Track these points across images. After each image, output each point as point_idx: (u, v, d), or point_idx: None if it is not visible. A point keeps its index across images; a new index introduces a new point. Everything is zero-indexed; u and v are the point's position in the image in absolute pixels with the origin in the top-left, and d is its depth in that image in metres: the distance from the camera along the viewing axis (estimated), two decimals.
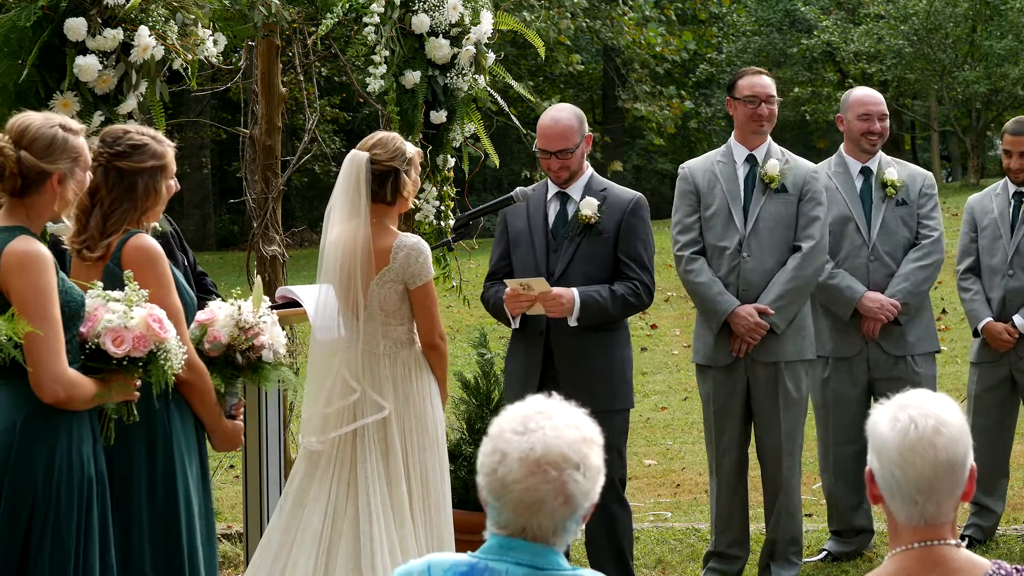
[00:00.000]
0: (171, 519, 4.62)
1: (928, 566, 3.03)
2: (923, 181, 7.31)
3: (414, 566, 3.04)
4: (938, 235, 7.23)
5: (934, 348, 7.29)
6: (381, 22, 6.67)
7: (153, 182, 4.71)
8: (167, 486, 4.63)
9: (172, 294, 4.61)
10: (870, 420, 3.08)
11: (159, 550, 4.60)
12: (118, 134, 4.73)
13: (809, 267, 6.73)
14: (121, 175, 4.65)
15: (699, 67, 29.03)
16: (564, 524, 2.92)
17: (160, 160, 4.73)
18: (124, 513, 4.56)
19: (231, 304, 4.87)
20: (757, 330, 6.64)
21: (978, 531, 7.50)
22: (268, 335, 4.89)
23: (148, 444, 4.61)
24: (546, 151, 6.23)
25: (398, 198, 5.66)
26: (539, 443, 2.89)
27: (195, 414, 4.75)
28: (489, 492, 2.92)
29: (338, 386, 5.64)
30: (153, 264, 4.59)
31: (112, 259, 4.61)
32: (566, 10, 22.19)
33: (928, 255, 7.17)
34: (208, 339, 4.81)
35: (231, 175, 25.58)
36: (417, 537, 5.57)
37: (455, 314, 15.02)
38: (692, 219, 6.92)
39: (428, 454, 5.65)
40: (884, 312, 7.09)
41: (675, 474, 9.48)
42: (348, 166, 5.61)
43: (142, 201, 4.69)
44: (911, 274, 7.13)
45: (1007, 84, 25.20)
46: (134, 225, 4.68)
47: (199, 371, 4.67)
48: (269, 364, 4.90)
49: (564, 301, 6.06)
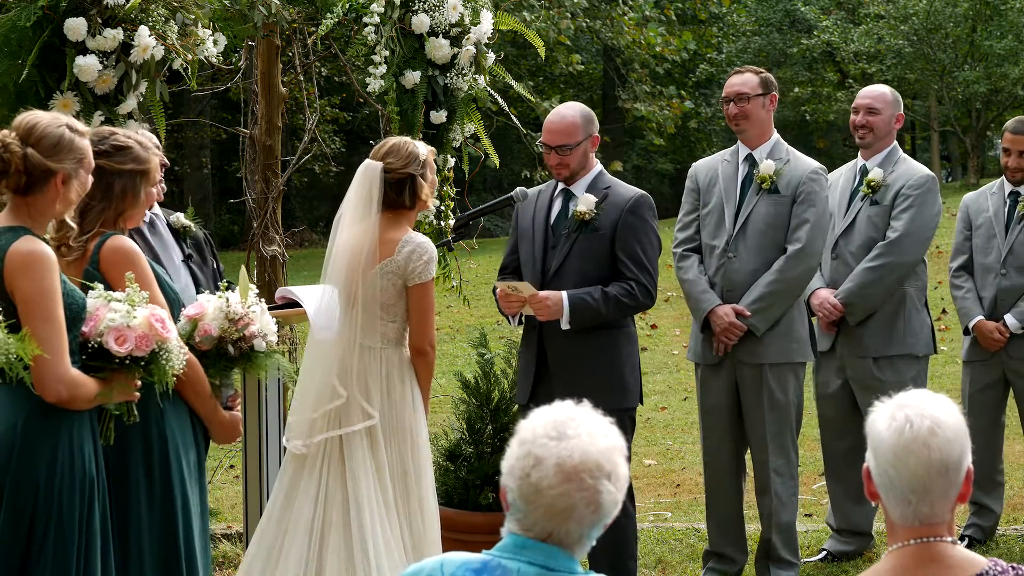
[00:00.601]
0: (169, 517, 4.63)
1: (924, 562, 3.05)
2: (905, 181, 7.08)
3: (426, 564, 3.05)
4: (898, 236, 6.98)
5: (904, 351, 7.05)
6: (381, 22, 6.67)
7: (132, 185, 4.71)
8: (164, 483, 4.63)
9: (155, 291, 4.61)
10: (869, 418, 3.09)
11: (157, 548, 4.60)
12: (104, 134, 4.75)
13: (794, 271, 6.66)
14: (100, 174, 4.65)
15: (699, 67, 29.04)
16: (589, 532, 2.94)
17: (142, 165, 4.73)
18: (121, 512, 4.56)
19: (219, 297, 4.88)
20: (732, 330, 6.63)
21: (978, 531, 7.50)
22: (258, 324, 4.89)
23: (144, 442, 4.62)
24: (547, 145, 6.24)
25: (417, 202, 5.68)
26: (577, 450, 2.89)
27: (191, 408, 4.76)
28: (519, 495, 2.92)
29: (326, 391, 5.63)
30: (132, 263, 4.59)
31: (91, 262, 4.61)
32: (566, 10, 22.19)
33: (880, 256, 6.98)
34: (199, 333, 4.82)
35: (231, 175, 25.57)
36: (401, 528, 5.57)
37: (455, 314, 15.01)
38: (691, 217, 6.93)
39: (407, 458, 5.63)
40: (823, 310, 7.06)
41: (675, 474, 9.48)
42: (361, 176, 5.61)
43: (118, 202, 4.69)
44: (858, 275, 7.00)
45: (1007, 84, 25.19)
46: (110, 226, 4.68)
47: (190, 363, 4.67)
48: (262, 353, 4.91)
49: (549, 304, 6.04)
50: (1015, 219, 7.43)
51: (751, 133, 6.82)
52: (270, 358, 4.94)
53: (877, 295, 7.01)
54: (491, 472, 6.65)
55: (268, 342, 4.92)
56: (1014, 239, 7.40)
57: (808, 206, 6.71)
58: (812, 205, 6.71)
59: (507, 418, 6.80)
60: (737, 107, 6.79)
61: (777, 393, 6.68)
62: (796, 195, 6.72)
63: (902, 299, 7.10)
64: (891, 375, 6.97)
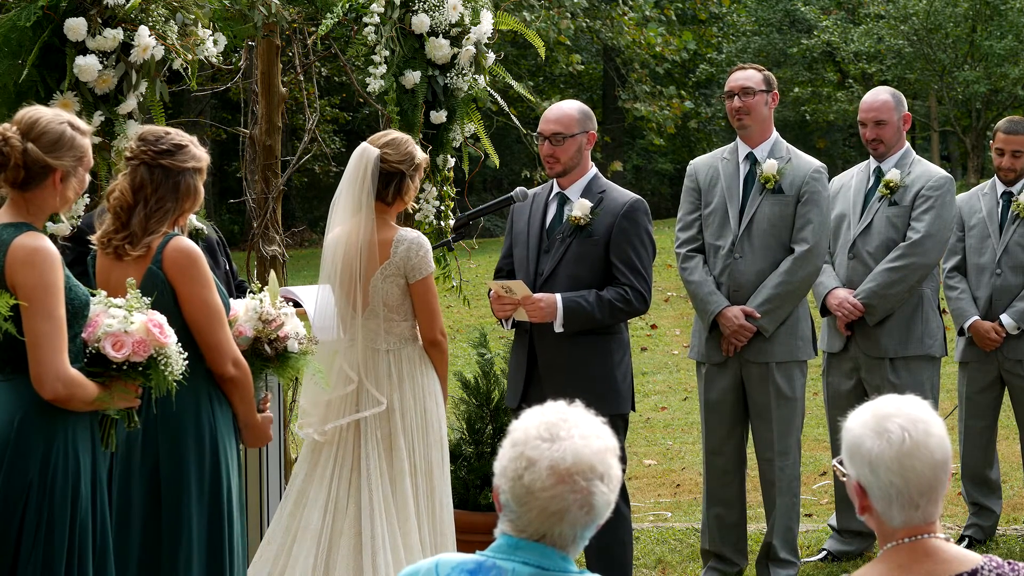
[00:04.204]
0: (217, 516, 4.70)
1: (919, 558, 3.09)
2: (925, 183, 7.07)
3: (421, 565, 3.05)
4: (920, 237, 6.97)
5: (921, 352, 7.07)
6: (381, 22, 6.67)
7: (194, 182, 4.77)
8: (214, 482, 4.70)
9: (215, 293, 4.68)
10: (850, 438, 3.10)
11: (204, 545, 4.67)
12: (160, 134, 4.79)
13: (800, 271, 6.68)
14: (167, 174, 4.70)
15: (699, 67, 29.01)
16: (583, 533, 2.95)
17: (200, 163, 4.80)
18: (173, 510, 4.62)
19: (251, 298, 4.91)
20: (742, 332, 6.64)
21: (978, 531, 7.51)
22: (290, 325, 4.93)
23: (197, 442, 4.68)
24: (542, 135, 6.23)
25: (397, 200, 5.69)
26: (569, 452, 2.90)
27: (233, 410, 4.80)
28: (512, 497, 2.93)
29: (339, 378, 5.66)
30: (195, 264, 4.65)
31: (154, 261, 4.65)
32: (566, 10, 22.19)
33: (901, 257, 6.98)
34: (234, 334, 4.84)
35: (231, 175, 25.56)
36: (421, 534, 5.58)
37: (455, 314, 15.01)
38: (693, 217, 6.92)
39: (432, 451, 5.67)
40: (842, 310, 7.06)
41: (675, 474, 9.48)
42: (357, 159, 5.64)
43: (183, 200, 4.74)
44: (878, 275, 6.99)
45: (1007, 84, 25.18)
46: (172, 226, 4.73)
47: (244, 368, 4.74)
48: (296, 353, 4.94)
49: (543, 306, 6.01)
50: (1009, 219, 7.44)
51: (753, 129, 6.82)
52: (303, 358, 4.97)
53: (899, 295, 7.00)
54: (491, 472, 6.63)
55: (301, 343, 4.95)
56: (1009, 238, 7.41)
57: (812, 206, 6.71)
58: (816, 205, 6.72)
59: (507, 418, 6.80)
60: (741, 101, 6.79)
61: (785, 391, 6.69)
62: (800, 195, 6.72)
63: (919, 300, 7.10)
64: (906, 376, 6.99)
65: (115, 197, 4.73)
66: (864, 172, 7.30)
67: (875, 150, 7.21)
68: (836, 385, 7.22)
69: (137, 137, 4.82)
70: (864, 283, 7.03)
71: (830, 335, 7.19)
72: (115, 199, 4.72)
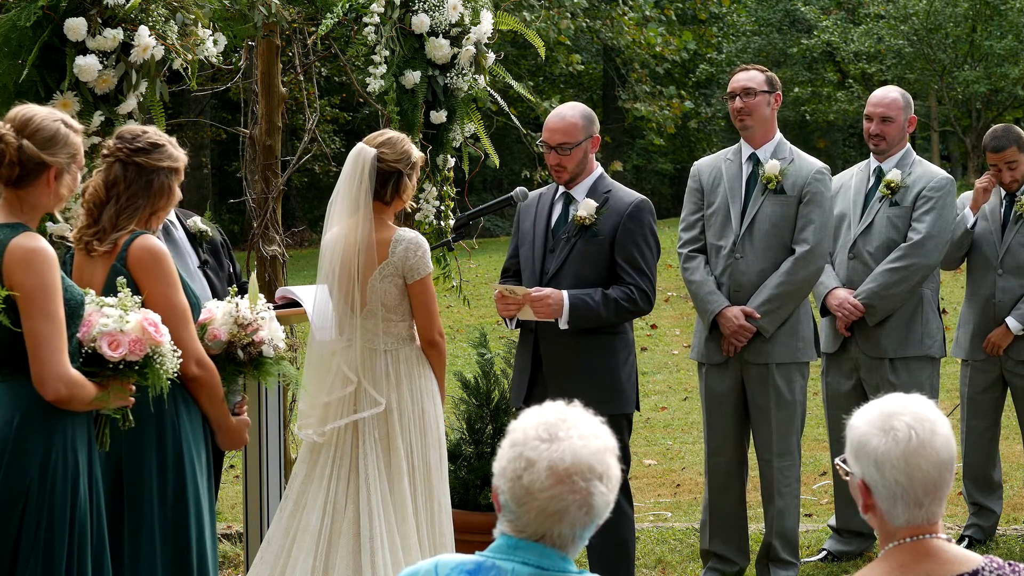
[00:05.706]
0: (181, 517, 4.66)
1: (920, 558, 3.08)
2: (926, 183, 7.06)
3: (421, 566, 3.05)
4: (922, 238, 6.95)
5: (921, 352, 7.06)
6: (381, 22, 6.67)
7: (168, 182, 4.77)
8: (177, 484, 4.66)
9: (180, 292, 4.65)
10: (855, 435, 3.10)
11: (169, 548, 4.64)
12: (137, 132, 4.80)
13: (801, 272, 6.68)
14: (140, 171, 4.70)
15: (699, 67, 29.02)
16: (582, 533, 2.95)
17: (176, 162, 4.80)
18: (135, 512, 4.59)
19: (228, 302, 4.90)
20: (742, 332, 6.63)
21: (978, 531, 7.51)
22: (267, 330, 4.91)
23: (158, 442, 4.65)
24: (547, 145, 6.23)
25: (396, 200, 5.69)
26: (568, 452, 2.90)
27: (202, 412, 4.77)
28: (511, 497, 2.93)
29: (338, 378, 5.66)
30: (159, 263, 4.63)
31: (118, 259, 4.64)
32: (566, 10, 22.20)
33: (902, 258, 6.96)
34: (208, 337, 4.84)
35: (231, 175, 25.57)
36: (420, 535, 5.57)
37: (455, 314, 15.01)
38: (695, 217, 6.92)
39: (431, 452, 5.67)
40: (842, 310, 7.05)
41: (675, 474, 9.49)
42: (354, 159, 5.64)
43: (156, 199, 4.74)
44: (879, 276, 6.98)
45: (1007, 84, 25.18)
46: (143, 224, 4.73)
47: (209, 368, 4.71)
48: (270, 359, 4.93)
49: (551, 301, 6.02)
50: (1011, 220, 7.43)
51: (755, 130, 6.81)
52: (278, 364, 4.96)
53: (900, 296, 6.99)
54: (491, 472, 6.63)
55: (276, 348, 4.94)
56: (1011, 239, 7.40)
57: (814, 206, 6.70)
58: (818, 205, 6.71)
59: (507, 418, 6.79)
60: (743, 102, 6.78)
61: (785, 392, 6.68)
62: (802, 195, 6.72)
63: (919, 301, 7.10)
64: (905, 377, 6.98)
65: (89, 193, 4.75)
66: (864, 172, 7.30)
67: (876, 146, 7.20)
68: (835, 385, 7.22)
69: (115, 135, 4.84)
70: (864, 283, 7.02)
71: (827, 336, 7.19)
72: (89, 195, 4.74)
